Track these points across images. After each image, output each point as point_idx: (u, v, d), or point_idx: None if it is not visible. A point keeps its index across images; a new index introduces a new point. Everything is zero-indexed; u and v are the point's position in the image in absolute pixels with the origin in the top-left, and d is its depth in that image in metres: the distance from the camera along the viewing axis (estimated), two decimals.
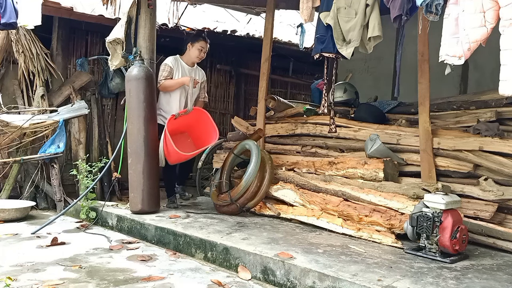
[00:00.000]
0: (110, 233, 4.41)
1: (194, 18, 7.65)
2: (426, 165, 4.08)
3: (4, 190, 5.29)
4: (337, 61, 4.31)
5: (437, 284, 2.75)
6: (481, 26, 2.69)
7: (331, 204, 4.15)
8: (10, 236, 4.18)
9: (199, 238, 3.71)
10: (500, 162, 3.74)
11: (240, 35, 7.74)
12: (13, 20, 4.55)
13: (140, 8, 4.81)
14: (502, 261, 3.35)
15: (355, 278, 2.78)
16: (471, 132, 4.06)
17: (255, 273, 3.24)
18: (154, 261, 3.58)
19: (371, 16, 3.66)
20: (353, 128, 4.84)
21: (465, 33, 2.74)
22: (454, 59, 2.82)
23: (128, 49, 4.73)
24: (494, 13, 2.65)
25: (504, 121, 4.12)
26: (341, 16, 3.76)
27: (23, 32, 5.68)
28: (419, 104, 4.12)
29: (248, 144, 4.81)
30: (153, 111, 4.65)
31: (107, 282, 3.06)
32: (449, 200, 3.29)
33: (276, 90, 8.63)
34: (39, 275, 3.14)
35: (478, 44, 2.75)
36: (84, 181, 4.92)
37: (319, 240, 3.73)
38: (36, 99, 5.82)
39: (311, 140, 5.10)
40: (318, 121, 5.13)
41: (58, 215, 4.67)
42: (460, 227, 3.28)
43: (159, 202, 4.74)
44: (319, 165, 4.68)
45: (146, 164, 4.53)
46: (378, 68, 6.90)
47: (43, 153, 5.33)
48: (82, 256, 3.62)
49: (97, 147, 6.31)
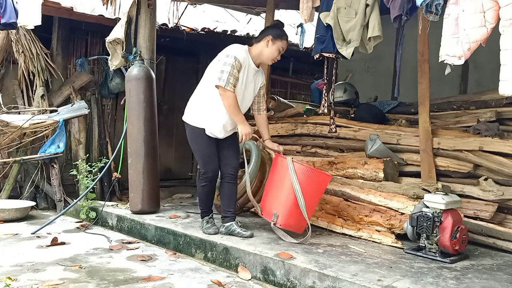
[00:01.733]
0: (110, 233, 4.41)
1: (194, 18, 7.66)
2: (426, 165, 4.07)
3: (4, 190, 5.29)
4: (337, 61, 4.31)
5: (437, 284, 2.75)
6: (481, 26, 2.69)
7: (331, 204, 4.14)
8: (10, 236, 4.18)
9: (199, 238, 3.71)
10: (500, 162, 3.74)
11: (240, 35, 7.74)
12: (13, 20, 4.55)
13: (140, 8, 4.81)
14: (502, 261, 3.35)
15: (355, 278, 2.78)
16: (471, 132, 4.06)
17: (255, 273, 3.24)
18: (154, 261, 3.57)
19: (371, 16, 3.66)
20: (353, 128, 4.84)
21: (465, 33, 2.75)
22: (454, 59, 2.82)
23: (128, 49, 4.73)
24: (494, 13, 2.65)
25: (504, 121, 4.12)
26: (341, 16, 3.76)
27: (23, 32, 5.68)
28: (419, 104, 4.12)
29: (248, 144, 4.80)
30: (153, 111, 4.65)
31: (107, 282, 3.06)
32: (449, 200, 3.29)
33: (276, 90, 8.63)
34: (39, 275, 3.14)
35: (478, 44, 2.76)
36: (84, 181, 4.92)
37: (319, 240, 3.72)
38: (36, 99, 5.82)
39: (311, 140, 5.10)
40: (318, 121, 5.13)
41: (58, 215, 4.67)
42: (460, 227, 3.28)
43: (159, 202, 4.74)
44: (319, 165, 4.68)
45: (146, 164, 4.53)
46: (378, 68, 6.89)
47: (43, 153, 5.33)
48: (82, 256, 3.62)
49: (97, 147, 6.31)
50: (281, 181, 3.62)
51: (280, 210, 3.60)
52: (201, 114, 3.70)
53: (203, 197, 3.89)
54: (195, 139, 3.77)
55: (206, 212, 3.89)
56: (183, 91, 7.67)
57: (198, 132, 3.71)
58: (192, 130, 3.76)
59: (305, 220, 3.54)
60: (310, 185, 3.56)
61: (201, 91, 3.76)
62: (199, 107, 3.72)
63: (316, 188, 3.66)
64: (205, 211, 3.89)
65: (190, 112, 3.80)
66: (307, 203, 3.52)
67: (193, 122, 3.74)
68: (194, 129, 3.73)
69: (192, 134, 3.78)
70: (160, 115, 6.13)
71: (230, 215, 3.80)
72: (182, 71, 7.66)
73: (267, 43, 3.60)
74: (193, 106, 3.79)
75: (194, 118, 3.74)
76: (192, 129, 3.75)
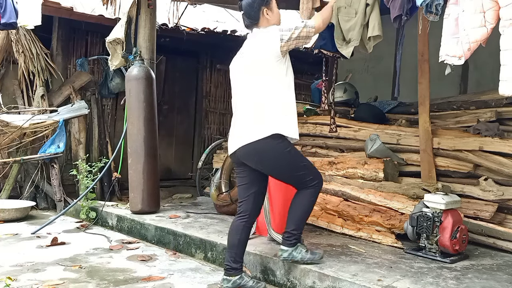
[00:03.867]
0: (110, 233, 4.41)
1: (194, 18, 7.65)
2: (426, 165, 4.07)
3: (4, 190, 5.29)
4: (337, 61, 4.31)
5: (437, 284, 2.75)
6: (481, 26, 2.69)
7: (331, 204, 4.14)
8: (10, 236, 4.18)
9: (199, 238, 3.71)
10: (500, 162, 3.74)
11: (240, 35, 7.73)
12: (13, 20, 4.55)
13: (140, 8, 4.82)
14: (502, 261, 3.35)
15: (355, 278, 2.78)
16: (471, 132, 4.06)
17: (255, 273, 3.24)
18: (154, 261, 3.57)
19: (371, 15, 3.66)
20: (353, 128, 4.84)
21: (465, 33, 2.74)
22: (454, 59, 2.82)
23: (128, 49, 4.73)
24: (494, 13, 2.65)
25: (504, 121, 4.12)
26: (341, 15, 3.75)
27: (23, 32, 5.68)
28: (419, 104, 4.12)
29: None
30: (153, 111, 4.65)
31: (107, 282, 3.06)
32: (449, 200, 3.29)
33: None
34: (39, 275, 3.14)
35: (478, 44, 2.75)
36: (84, 181, 4.92)
37: (319, 240, 3.72)
38: (36, 99, 5.82)
39: (311, 140, 5.10)
40: (318, 121, 5.13)
41: (58, 215, 4.67)
42: (460, 227, 3.28)
43: (159, 202, 4.74)
44: (319, 165, 4.67)
45: (146, 164, 4.53)
46: (378, 68, 6.89)
47: (43, 153, 5.33)
48: (82, 256, 3.62)
49: (97, 147, 6.31)
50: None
51: (268, 218, 3.63)
52: (280, 120, 2.94)
53: (309, 214, 3.16)
54: (288, 152, 2.95)
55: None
56: (183, 91, 7.73)
57: (286, 144, 2.95)
58: (277, 145, 2.91)
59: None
60: (289, 189, 3.30)
61: (264, 95, 2.96)
62: (274, 113, 2.94)
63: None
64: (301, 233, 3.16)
65: (262, 126, 2.91)
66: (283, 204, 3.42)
67: (273, 131, 2.89)
68: (280, 143, 2.92)
69: (279, 148, 2.92)
70: (160, 115, 6.14)
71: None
72: (182, 71, 7.67)
73: (266, 13, 3.05)
74: (263, 117, 2.93)
75: (272, 128, 2.90)
76: (276, 144, 2.91)
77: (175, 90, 7.56)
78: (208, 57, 7.94)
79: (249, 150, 2.93)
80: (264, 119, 2.93)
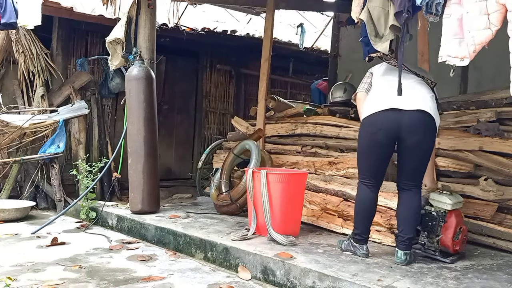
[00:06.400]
0: (110, 233, 4.41)
1: (194, 18, 7.66)
2: None
3: (4, 190, 5.29)
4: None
5: (437, 284, 2.75)
6: (486, 28, 2.67)
7: (331, 204, 4.15)
8: (10, 236, 4.18)
9: (199, 238, 3.71)
10: (500, 162, 3.74)
11: (240, 35, 7.74)
12: (13, 20, 4.55)
13: (140, 8, 4.81)
14: (502, 261, 3.35)
15: (355, 278, 2.78)
16: (471, 132, 4.06)
17: (255, 273, 3.24)
18: (154, 261, 3.58)
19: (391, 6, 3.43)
20: (353, 128, 4.83)
21: (470, 35, 2.72)
22: (456, 60, 2.80)
23: (128, 49, 4.73)
24: (500, 16, 2.63)
25: (504, 121, 4.11)
26: (371, 7, 3.51)
27: (23, 32, 5.68)
28: None
29: (248, 144, 4.81)
30: (153, 111, 4.65)
31: (107, 282, 3.06)
32: (455, 201, 3.29)
33: (276, 90, 8.63)
34: (39, 275, 3.14)
35: (482, 46, 2.74)
36: (84, 181, 4.92)
37: (319, 240, 3.73)
38: (36, 99, 5.82)
39: (311, 140, 5.10)
40: (318, 121, 5.13)
41: (58, 215, 4.67)
42: (462, 227, 3.28)
43: (159, 202, 4.74)
44: (319, 165, 4.68)
45: (146, 164, 4.53)
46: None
47: (43, 153, 5.33)
48: (82, 256, 3.62)
49: (97, 147, 6.31)
50: (260, 193, 3.72)
51: (268, 218, 3.66)
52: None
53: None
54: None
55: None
56: (183, 91, 7.73)
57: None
58: (435, 126, 3.11)
59: (297, 223, 3.83)
60: (289, 189, 3.74)
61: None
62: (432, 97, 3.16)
63: (297, 190, 3.82)
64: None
65: (431, 103, 3.10)
66: (290, 206, 3.73)
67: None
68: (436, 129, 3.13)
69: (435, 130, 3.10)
70: (160, 115, 6.14)
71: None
72: (182, 71, 7.67)
73: None
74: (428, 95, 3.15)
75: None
76: (435, 125, 3.11)
77: (175, 90, 7.56)
78: (208, 57, 7.95)
79: (419, 119, 3.00)
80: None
